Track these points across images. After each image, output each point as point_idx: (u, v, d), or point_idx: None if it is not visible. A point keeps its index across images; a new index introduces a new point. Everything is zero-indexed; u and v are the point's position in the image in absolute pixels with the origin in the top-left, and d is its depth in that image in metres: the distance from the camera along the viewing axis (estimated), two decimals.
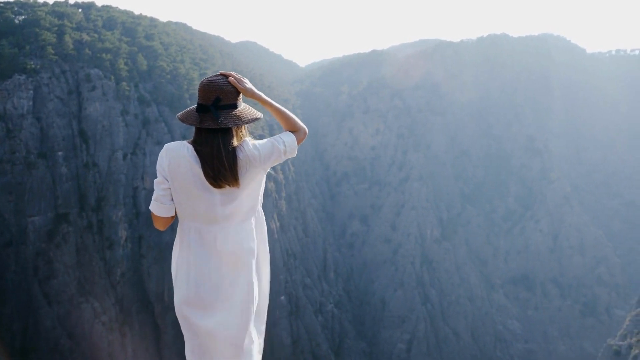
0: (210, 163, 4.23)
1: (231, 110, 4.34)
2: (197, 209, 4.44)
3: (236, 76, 4.42)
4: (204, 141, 4.33)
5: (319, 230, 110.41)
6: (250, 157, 4.31)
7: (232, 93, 4.36)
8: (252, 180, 4.41)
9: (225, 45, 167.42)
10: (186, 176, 4.32)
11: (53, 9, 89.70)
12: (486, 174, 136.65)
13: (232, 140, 4.31)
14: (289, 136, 4.61)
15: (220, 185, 4.26)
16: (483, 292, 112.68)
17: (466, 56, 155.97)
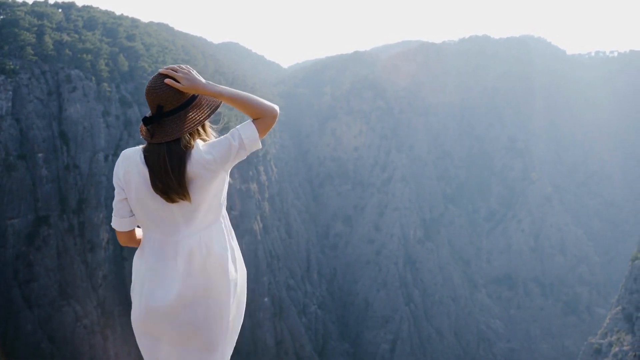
0: (158, 176, 3.80)
1: (178, 115, 3.84)
2: (155, 220, 4.00)
3: (173, 73, 3.85)
4: (151, 151, 3.88)
5: (303, 232, 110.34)
6: (203, 163, 3.80)
7: (173, 95, 3.84)
8: (211, 185, 3.91)
9: (207, 46, 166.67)
10: (141, 186, 3.89)
11: (32, 9, 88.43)
12: (468, 174, 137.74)
13: (180, 149, 3.81)
14: (248, 128, 3.99)
15: (172, 199, 3.84)
16: (466, 292, 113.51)
17: (448, 57, 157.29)
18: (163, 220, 3.97)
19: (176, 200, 3.84)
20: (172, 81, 3.82)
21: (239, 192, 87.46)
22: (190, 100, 3.90)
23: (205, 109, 3.99)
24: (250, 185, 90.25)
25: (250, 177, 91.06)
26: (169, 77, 3.86)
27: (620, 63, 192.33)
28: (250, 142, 3.96)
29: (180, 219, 3.95)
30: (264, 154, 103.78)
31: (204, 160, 3.80)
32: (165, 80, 3.84)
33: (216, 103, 4.08)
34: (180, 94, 3.84)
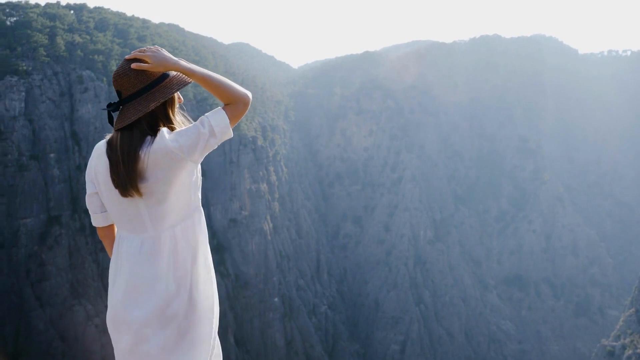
0: (112, 167, 3.56)
1: (138, 100, 3.56)
2: (121, 216, 3.71)
3: (140, 55, 3.60)
4: (111, 140, 3.66)
5: (312, 232, 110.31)
6: (166, 151, 3.47)
7: (133, 79, 3.54)
8: (177, 177, 3.58)
9: (218, 46, 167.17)
10: (106, 179, 3.64)
11: (45, 11, 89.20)
12: (479, 174, 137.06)
13: (134, 136, 3.53)
14: (218, 114, 3.67)
15: (126, 193, 3.54)
16: (477, 293, 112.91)
17: (459, 57, 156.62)
18: (129, 216, 3.68)
19: (130, 194, 3.52)
20: (139, 64, 3.58)
21: (249, 192, 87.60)
22: (153, 84, 3.60)
23: (166, 92, 3.65)
24: (261, 186, 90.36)
25: (260, 177, 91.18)
26: (138, 62, 3.59)
27: (632, 62, 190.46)
28: (221, 130, 3.65)
29: (146, 215, 3.63)
30: (274, 154, 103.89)
31: (167, 148, 3.48)
32: (132, 65, 3.59)
33: (183, 83, 3.74)
34: (140, 79, 3.56)
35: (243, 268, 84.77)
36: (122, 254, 3.75)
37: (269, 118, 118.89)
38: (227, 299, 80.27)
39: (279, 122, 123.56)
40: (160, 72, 3.65)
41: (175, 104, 3.85)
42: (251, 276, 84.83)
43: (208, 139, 3.61)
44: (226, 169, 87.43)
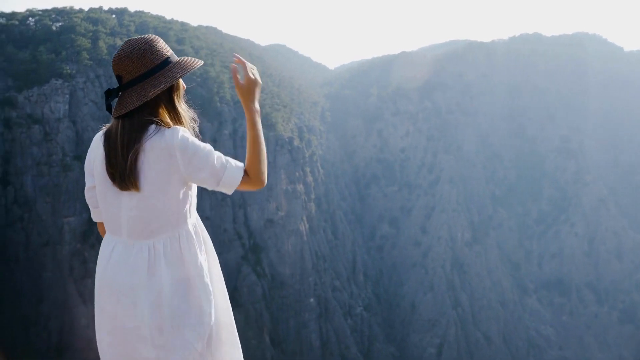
0: (111, 159, 3.28)
1: (140, 85, 3.28)
2: (105, 213, 3.45)
3: (244, 62, 3.49)
4: (110, 128, 3.39)
5: (348, 233, 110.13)
6: (168, 147, 3.20)
7: (135, 62, 3.27)
8: (169, 184, 3.27)
9: (254, 48, 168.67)
10: (103, 170, 3.37)
11: (88, 15, 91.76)
12: (518, 176, 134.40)
13: (135, 123, 3.26)
14: (236, 172, 3.39)
15: (121, 185, 3.26)
16: (515, 297, 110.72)
17: (498, 56, 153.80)
18: (111, 214, 3.40)
19: (128, 187, 3.24)
20: (237, 68, 3.52)
21: (286, 192, 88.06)
22: (157, 68, 3.33)
23: (171, 76, 3.37)
24: (297, 186, 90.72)
25: (296, 178, 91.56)
26: (140, 47, 3.34)
27: None
28: (225, 184, 3.35)
29: (123, 215, 3.33)
30: (311, 155, 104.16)
31: (171, 145, 3.21)
32: (233, 65, 3.54)
33: (189, 67, 3.50)
34: (143, 62, 3.29)
35: (279, 268, 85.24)
36: (99, 255, 3.53)
37: (306, 119, 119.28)
38: (263, 299, 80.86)
39: (315, 123, 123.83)
40: (166, 55, 3.42)
41: (180, 89, 3.63)
42: (287, 276, 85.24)
43: (209, 179, 3.33)
44: None
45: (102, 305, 3.41)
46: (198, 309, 3.36)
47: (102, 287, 3.41)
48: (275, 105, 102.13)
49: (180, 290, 3.32)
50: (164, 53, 3.41)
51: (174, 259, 3.35)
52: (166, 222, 3.35)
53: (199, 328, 3.36)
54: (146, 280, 3.27)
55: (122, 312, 3.30)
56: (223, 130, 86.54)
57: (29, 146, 66.67)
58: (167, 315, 3.28)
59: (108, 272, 3.37)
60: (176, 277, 3.33)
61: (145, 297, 3.26)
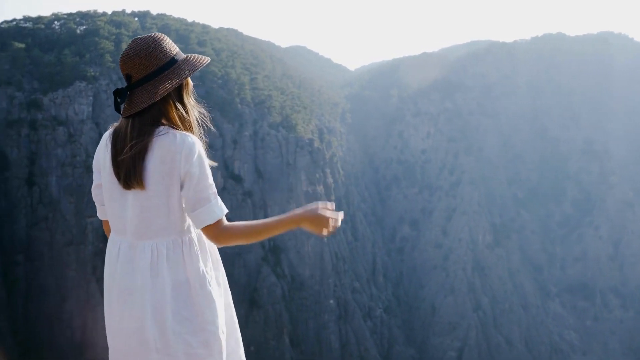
0: (117, 153, 3.27)
1: (150, 83, 3.25)
2: (111, 211, 3.45)
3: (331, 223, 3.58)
4: (119, 126, 3.38)
5: (369, 234, 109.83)
6: (178, 152, 3.17)
7: (145, 61, 3.26)
8: (173, 187, 3.24)
9: (275, 50, 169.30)
10: (108, 168, 3.36)
11: (111, 19, 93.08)
12: (541, 177, 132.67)
13: (145, 122, 3.24)
14: (218, 209, 3.29)
15: (126, 183, 3.24)
16: (538, 300, 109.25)
17: (520, 57, 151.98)
18: (117, 213, 3.40)
19: (132, 186, 3.21)
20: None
21: (306, 194, 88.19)
22: (166, 66, 3.30)
23: (180, 73, 3.33)
24: (317, 188, 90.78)
25: (316, 179, 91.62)
26: (149, 45, 3.30)
27: None
28: (201, 214, 3.24)
29: (128, 216, 3.32)
30: (331, 156, 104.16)
31: (179, 150, 3.18)
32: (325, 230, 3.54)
33: (198, 64, 3.44)
34: (152, 61, 3.26)
35: (299, 269, 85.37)
36: (106, 255, 3.52)
37: (326, 120, 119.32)
38: (283, 300, 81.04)
39: (335, 125, 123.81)
40: (173, 54, 3.36)
41: (189, 86, 3.55)
42: (307, 277, 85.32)
43: (189, 199, 3.24)
44: (283, 170, 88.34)
45: (111, 305, 3.45)
46: (200, 316, 3.32)
47: (112, 288, 3.43)
48: (295, 107, 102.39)
49: (181, 295, 3.29)
50: (171, 51, 3.37)
51: (175, 263, 3.31)
52: (169, 224, 3.31)
53: (201, 335, 3.31)
54: (150, 281, 3.27)
55: (129, 313, 3.32)
56: (244, 132, 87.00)
57: (53, 147, 67.91)
58: (169, 319, 3.26)
59: (117, 272, 3.38)
60: (177, 280, 3.30)
61: (149, 298, 3.25)
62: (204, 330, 3.31)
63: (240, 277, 79.52)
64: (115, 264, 3.40)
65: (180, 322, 3.26)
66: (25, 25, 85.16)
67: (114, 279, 3.40)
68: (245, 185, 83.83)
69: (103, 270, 3.57)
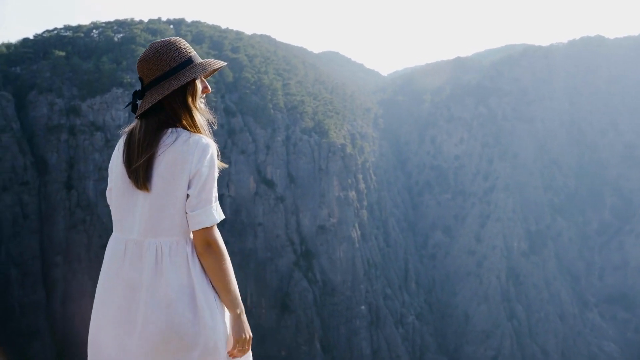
0: (130, 155, 3.34)
1: (160, 85, 3.34)
2: (119, 211, 3.50)
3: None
4: (132, 127, 3.46)
5: (401, 240, 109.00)
6: (191, 153, 3.25)
7: (152, 65, 3.36)
8: (182, 187, 3.29)
9: (308, 55, 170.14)
10: (120, 168, 3.43)
11: (147, 27, 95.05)
12: (578, 184, 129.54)
13: (154, 122, 3.33)
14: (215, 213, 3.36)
15: (138, 183, 3.31)
16: (575, 310, 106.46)
17: (557, 60, 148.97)
18: (125, 212, 3.45)
19: (143, 186, 3.29)
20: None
21: (338, 199, 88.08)
22: (173, 70, 3.37)
23: (183, 78, 3.38)
24: (349, 193, 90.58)
25: (349, 185, 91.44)
26: (158, 50, 3.38)
27: None
28: (200, 215, 3.28)
29: (137, 215, 3.37)
30: (363, 162, 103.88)
31: (192, 150, 3.25)
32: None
33: (206, 68, 3.49)
34: (160, 65, 3.35)
35: (330, 275, 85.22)
36: (108, 252, 3.54)
37: (358, 126, 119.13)
38: (315, 305, 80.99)
39: (368, 130, 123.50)
40: (184, 58, 3.42)
41: (197, 91, 3.52)
42: (338, 283, 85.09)
43: (192, 198, 3.28)
44: (315, 176, 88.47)
45: (116, 302, 3.39)
46: (202, 320, 3.32)
47: (116, 284, 3.41)
48: (327, 112, 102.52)
49: (184, 297, 3.30)
50: (183, 55, 3.43)
51: (179, 264, 3.33)
52: (175, 224, 3.34)
53: (200, 339, 3.31)
54: (153, 280, 3.30)
55: (135, 309, 3.32)
56: (276, 137, 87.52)
57: (91, 152, 69.62)
58: (171, 320, 3.27)
59: (125, 269, 3.39)
60: (181, 283, 3.31)
61: (151, 297, 3.28)
62: (203, 334, 3.32)
63: (272, 281, 79.85)
64: (122, 260, 3.41)
65: (181, 324, 3.27)
66: (65, 34, 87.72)
67: (120, 276, 3.40)
68: (278, 190, 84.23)
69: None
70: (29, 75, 75.18)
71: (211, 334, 3.33)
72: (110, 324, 3.39)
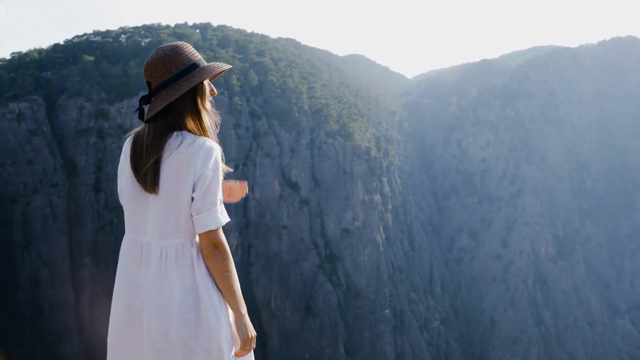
0: (137, 160, 3.40)
1: (168, 88, 3.38)
2: (131, 214, 3.53)
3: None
4: (139, 131, 3.54)
5: (426, 244, 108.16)
6: (195, 156, 3.27)
7: (160, 68, 3.39)
8: (187, 190, 3.33)
9: (332, 58, 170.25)
10: (129, 172, 3.49)
11: (174, 31, 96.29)
12: (608, 188, 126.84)
13: (162, 126, 3.36)
14: (221, 216, 3.39)
15: (145, 186, 3.36)
16: (605, 317, 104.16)
17: (586, 62, 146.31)
18: (136, 215, 3.50)
19: (152, 189, 3.34)
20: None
21: (362, 203, 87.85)
22: (181, 73, 3.42)
23: (190, 81, 3.43)
24: (374, 197, 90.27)
25: (373, 188, 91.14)
26: (166, 53, 3.43)
27: None
28: (205, 217, 3.32)
29: (149, 218, 3.41)
30: (388, 165, 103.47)
31: (196, 154, 3.27)
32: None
33: (213, 70, 3.55)
34: (168, 68, 3.39)
35: (355, 278, 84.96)
36: (122, 253, 3.60)
37: (383, 129, 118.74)
38: (339, 308, 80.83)
39: (392, 133, 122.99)
40: (192, 61, 3.48)
41: (205, 94, 3.60)
42: (362, 287, 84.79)
43: (197, 201, 3.32)
44: (340, 179, 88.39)
45: (127, 305, 3.49)
46: (205, 322, 3.36)
47: (128, 288, 3.50)
48: (352, 115, 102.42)
49: (189, 300, 3.34)
50: (189, 59, 3.48)
51: (184, 267, 3.38)
52: (181, 226, 3.38)
53: (204, 340, 3.35)
54: (159, 282, 3.36)
55: (147, 311, 3.40)
56: (301, 140, 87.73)
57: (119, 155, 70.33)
58: (174, 322, 3.32)
59: (135, 272, 3.47)
60: (185, 286, 3.36)
61: (157, 299, 3.34)
62: (207, 336, 3.36)
63: (297, 284, 79.95)
64: (133, 263, 3.49)
65: (184, 326, 3.31)
66: (94, 39, 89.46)
67: (132, 277, 3.50)
68: (302, 193, 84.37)
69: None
70: (59, 79, 76.83)
71: (215, 335, 3.37)
72: (122, 326, 3.51)
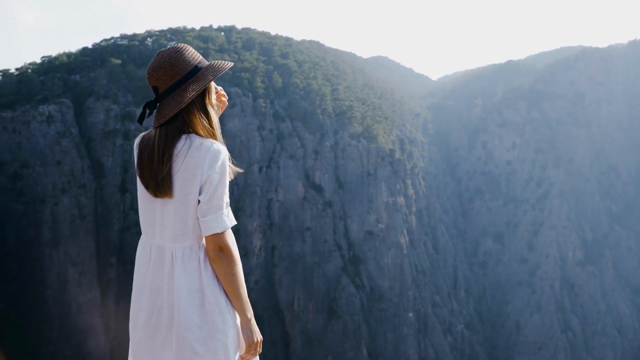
0: (147, 165, 3.42)
1: (176, 93, 3.39)
2: (144, 216, 3.59)
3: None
4: (148, 136, 3.53)
5: (450, 247, 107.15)
6: (203, 159, 3.29)
7: (169, 71, 3.41)
8: (194, 193, 3.36)
9: (356, 60, 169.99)
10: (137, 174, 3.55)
11: (199, 34, 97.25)
12: (638, 191, 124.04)
13: (172, 131, 3.37)
14: (227, 219, 3.41)
15: (154, 192, 3.40)
16: (636, 324, 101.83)
17: (615, 62, 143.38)
18: (148, 218, 3.55)
19: (162, 194, 3.37)
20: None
21: (386, 205, 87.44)
22: (189, 75, 3.43)
23: (201, 82, 3.45)
24: (398, 199, 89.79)
25: (397, 190, 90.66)
26: (171, 56, 3.43)
27: None
28: (210, 221, 3.33)
29: (158, 221, 3.47)
30: (412, 167, 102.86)
31: (204, 157, 3.28)
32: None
33: (218, 70, 3.54)
34: (176, 70, 3.39)
35: (378, 281, 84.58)
36: (138, 256, 3.66)
37: (407, 131, 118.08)
38: (362, 311, 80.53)
39: (417, 135, 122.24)
40: (196, 61, 3.49)
41: (212, 93, 3.64)
42: (386, 289, 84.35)
43: (203, 204, 3.34)
44: (363, 181, 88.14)
45: (141, 304, 3.58)
46: (211, 324, 3.40)
47: (144, 287, 3.57)
48: (376, 117, 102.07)
49: (194, 302, 3.39)
50: (194, 59, 3.49)
51: (191, 269, 3.42)
52: (189, 229, 3.43)
53: (210, 343, 3.39)
54: (167, 283, 3.43)
55: (157, 311, 3.48)
56: (325, 142, 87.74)
57: None
58: (180, 324, 3.39)
59: (150, 273, 3.52)
60: (192, 287, 3.40)
61: (166, 300, 3.44)
62: (213, 338, 3.40)
63: (320, 286, 79.91)
64: (147, 265, 3.54)
65: (189, 329, 3.37)
66: (121, 43, 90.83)
67: (147, 279, 3.55)
68: (326, 195, 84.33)
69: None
70: (87, 82, 78.20)
71: (222, 337, 3.41)
72: (140, 327, 3.58)
